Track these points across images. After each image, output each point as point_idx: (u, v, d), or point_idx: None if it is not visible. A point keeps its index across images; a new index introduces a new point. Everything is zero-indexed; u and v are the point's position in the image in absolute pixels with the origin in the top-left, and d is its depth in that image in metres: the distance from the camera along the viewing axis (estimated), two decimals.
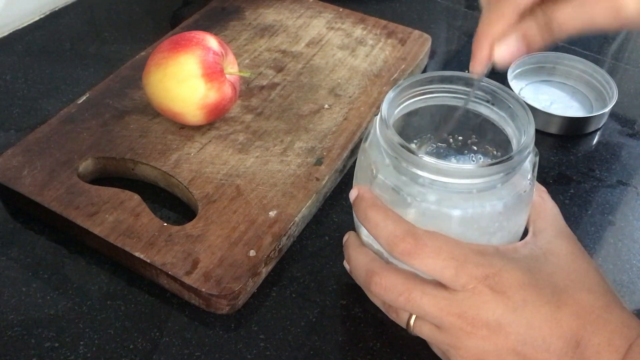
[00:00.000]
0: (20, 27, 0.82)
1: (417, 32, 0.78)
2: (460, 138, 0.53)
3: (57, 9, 0.86)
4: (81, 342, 0.50)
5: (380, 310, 0.48)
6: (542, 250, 0.45)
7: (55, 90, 0.73)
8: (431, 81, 0.49)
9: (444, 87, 0.50)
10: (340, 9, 0.81)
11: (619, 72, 0.80)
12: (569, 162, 0.67)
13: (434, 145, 0.53)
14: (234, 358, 0.49)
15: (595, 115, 0.69)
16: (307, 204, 0.57)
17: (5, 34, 0.81)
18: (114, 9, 0.87)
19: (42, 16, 0.85)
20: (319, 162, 0.60)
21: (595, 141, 0.70)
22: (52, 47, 0.80)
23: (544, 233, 0.46)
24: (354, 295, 0.53)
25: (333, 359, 0.50)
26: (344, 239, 0.51)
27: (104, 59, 0.78)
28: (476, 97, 0.49)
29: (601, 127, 0.71)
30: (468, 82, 0.49)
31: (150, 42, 0.75)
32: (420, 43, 0.77)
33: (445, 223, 0.45)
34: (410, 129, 0.52)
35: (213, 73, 0.58)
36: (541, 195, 0.49)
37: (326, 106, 0.67)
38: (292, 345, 0.50)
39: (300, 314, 0.52)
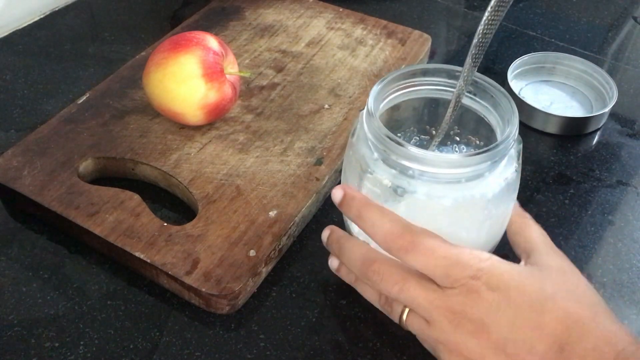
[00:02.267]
0: (20, 27, 0.82)
1: (417, 32, 0.78)
2: None
3: (57, 9, 0.86)
4: (81, 342, 0.50)
5: (381, 310, 0.48)
6: (534, 266, 0.45)
7: (55, 90, 0.73)
8: (414, 74, 0.50)
9: (426, 80, 0.50)
10: (340, 9, 0.81)
11: (618, 72, 0.80)
12: (569, 162, 0.67)
13: (417, 138, 0.54)
14: (234, 358, 0.49)
15: (595, 115, 0.69)
16: (307, 204, 0.57)
17: (6, 33, 0.81)
18: (114, 9, 0.87)
19: (42, 16, 0.84)
20: (319, 162, 0.60)
21: (595, 141, 0.70)
22: (52, 47, 0.79)
23: (534, 253, 0.47)
24: (354, 295, 0.52)
25: (333, 359, 0.49)
26: (325, 234, 0.51)
27: (104, 59, 0.78)
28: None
29: (601, 127, 0.71)
30: (454, 75, 0.49)
31: (150, 42, 0.75)
32: (420, 43, 0.76)
33: (436, 213, 0.46)
34: (394, 122, 0.52)
35: (213, 73, 0.58)
36: (525, 222, 0.50)
37: (326, 106, 0.66)
38: (292, 345, 0.50)
39: (300, 314, 0.52)
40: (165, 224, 0.54)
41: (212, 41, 0.59)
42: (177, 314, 0.52)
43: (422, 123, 0.54)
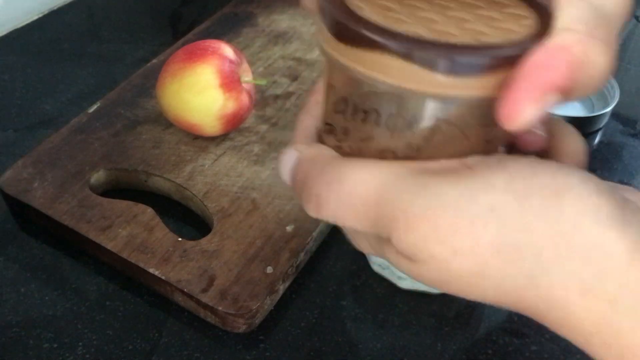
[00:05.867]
0: (19, 27, 0.79)
1: None
2: None
3: (55, 8, 0.83)
4: (80, 343, 0.48)
5: (381, 310, 0.48)
6: None
7: (54, 89, 0.70)
8: None
9: None
10: None
11: (620, 72, 0.78)
12: None
13: None
14: (233, 358, 0.47)
15: (596, 115, 0.66)
16: None
17: (4, 33, 0.78)
18: (113, 8, 0.84)
19: (40, 15, 0.81)
20: None
21: (596, 141, 0.68)
22: (50, 47, 0.77)
23: None
24: (354, 295, 0.51)
25: (333, 359, 0.48)
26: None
27: (102, 58, 0.75)
28: None
29: (602, 127, 0.69)
30: None
31: (149, 41, 0.73)
32: None
33: None
34: None
35: (231, 82, 0.55)
36: None
37: None
38: (292, 345, 0.48)
39: (300, 314, 0.50)
40: (180, 239, 0.51)
41: (227, 49, 0.56)
42: (176, 315, 0.50)
43: None
